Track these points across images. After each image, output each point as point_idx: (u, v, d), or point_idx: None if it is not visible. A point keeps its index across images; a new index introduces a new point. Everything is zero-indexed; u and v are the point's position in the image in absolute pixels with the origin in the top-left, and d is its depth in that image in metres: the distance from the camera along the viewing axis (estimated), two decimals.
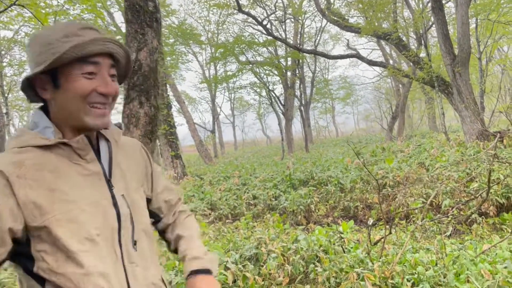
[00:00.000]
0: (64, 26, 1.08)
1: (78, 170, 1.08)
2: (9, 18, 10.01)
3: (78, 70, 1.06)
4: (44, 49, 1.05)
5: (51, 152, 1.06)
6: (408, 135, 21.07)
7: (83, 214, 1.04)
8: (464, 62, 9.90)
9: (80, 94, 1.06)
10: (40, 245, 1.01)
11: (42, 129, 1.08)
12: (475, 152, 7.91)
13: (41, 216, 1.00)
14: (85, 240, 1.03)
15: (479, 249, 3.80)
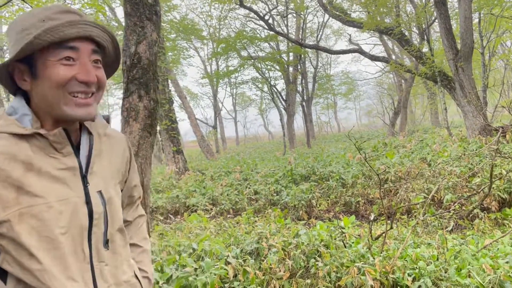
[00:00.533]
0: (40, 10, 1.01)
1: (53, 164, 1.02)
2: (10, 13, 9.98)
3: (55, 56, 0.99)
4: (20, 36, 0.99)
5: (26, 142, 1.00)
6: (410, 131, 21.03)
7: (49, 211, 0.99)
8: (467, 57, 9.84)
9: (57, 82, 0.99)
10: (2, 240, 0.97)
11: (20, 116, 1.02)
12: (478, 147, 7.88)
13: (3, 210, 0.95)
14: (45, 238, 0.98)
15: (480, 244, 3.78)
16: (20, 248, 0.97)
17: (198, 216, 6.25)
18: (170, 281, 3.07)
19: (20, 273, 0.98)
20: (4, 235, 0.96)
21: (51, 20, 0.98)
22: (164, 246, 3.93)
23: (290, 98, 22.58)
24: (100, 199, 1.10)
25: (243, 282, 3.13)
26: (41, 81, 1.00)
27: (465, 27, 9.77)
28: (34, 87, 1.02)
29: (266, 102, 39.01)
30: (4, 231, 0.96)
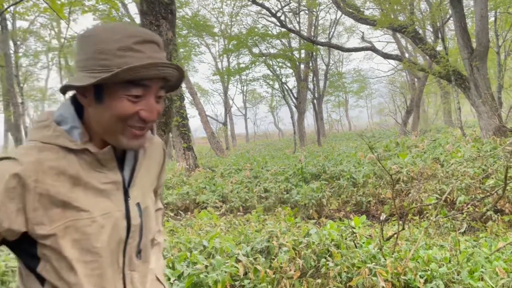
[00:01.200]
0: (119, 35, 0.96)
1: (98, 178, 1.03)
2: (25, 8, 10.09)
3: (125, 91, 0.97)
4: (94, 55, 0.96)
5: (74, 156, 1.00)
6: (422, 130, 20.84)
7: (92, 225, 1.00)
8: (482, 56, 9.71)
9: (120, 116, 0.98)
10: (46, 250, 0.98)
11: (70, 128, 1.01)
12: (492, 148, 7.77)
13: (50, 224, 0.97)
14: (86, 251, 1.00)
15: (494, 247, 3.74)
16: (62, 259, 0.98)
17: (208, 213, 6.27)
18: (181, 278, 3.09)
19: (57, 282, 0.99)
20: (48, 246, 0.98)
21: (131, 52, 0.95)
22: (175, 242, 3.95)
23: (301, 96, 22.50)
24: (138, 211, 1.12)
25: (254, 280, 3.14)
26: (104, 108, 0.98)
27: (481, 26, 9.63)
28: (94, 109, 1.00)
29: (276, 99, 39.00)
30: (49, 243, 0.97)
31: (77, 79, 0.98)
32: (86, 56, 0.97)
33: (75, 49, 1.02)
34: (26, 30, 19.80)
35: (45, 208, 0.96)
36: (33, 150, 0.97)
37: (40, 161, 0.96)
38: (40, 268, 0.99)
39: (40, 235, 0.96)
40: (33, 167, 0.95)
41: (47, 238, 0.97)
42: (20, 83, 17.14)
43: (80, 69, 0.98)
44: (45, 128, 1.01)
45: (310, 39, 18.28)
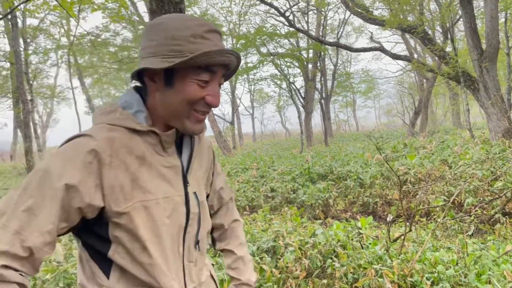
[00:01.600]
0: (190, 23, 1.01)
1: (160, 161, 1.06)
2: (35, 6, 10.16)
3: (196, 75, 1.02)
4: (167, 42, 1.00)
5: (139, 137, 1.03)
6: (431, 131, 20.71)
7: (157, 207, 1.02)
8: (492, 57, 9.62)
9: (190, 99, 1.02)
10: (118, 231, 0.99)
11: (135, 112, 1.05)
12: (501, 151, 7.70)
13: (124, 202, 0.98)
14: (153, 233, 1.01)
15: (502, 250, 3.70)
16: (136, 240, 0.99)
17: None
18: None
19: (130, 266, 1.00)
20: (122, 226, 0.98)
21: (202, 39, 1.01)
22: None
23: (308, 96, 22.45)
24: (196, 200, 1.14)
25: (259, 279, 3.14)
26: (174, 92, 1.02)
27: (491, 27, 9.54)
28: (163, 93, 1.04)
29: (284, 99, 38.95)
30: (123, 222, 0.98)
31: (151, 63, 1.00)
32: (157, 42, 1.01)
33: (145, 39, 1.05)
34: (36, 27, 19.97)
35: (120, 185, 0.98)
36: (104, 129, 1.00)
37: (111, 138, 0.98)
38: (112, 252, 1.00)
39: (115, 213, 0.97)
40: (107, 143, 0.97)
41: (121, 216, 0.98)
42: (30, 80, 17.28)
43: (150, 55, 1.01)
44: (112, 112, 1.04)
45: (319, 39, 18.23)
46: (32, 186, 0.92)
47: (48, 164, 0.94)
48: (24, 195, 0.91)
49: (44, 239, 0.91)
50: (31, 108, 16.63)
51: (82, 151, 0.94)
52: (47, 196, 0.91)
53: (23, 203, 0.90)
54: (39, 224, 0.90)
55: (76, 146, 0.95)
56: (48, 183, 0.91)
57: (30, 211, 0.90)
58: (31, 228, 0.89)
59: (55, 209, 0.92)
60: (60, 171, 0.92)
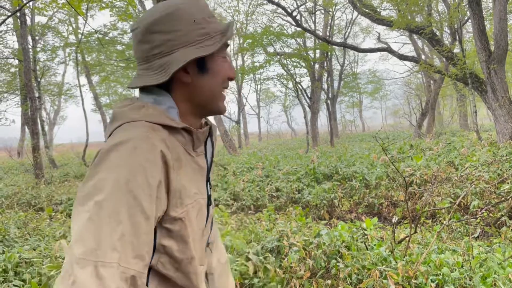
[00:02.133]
0: (197, 6, 0.98)
1: (190, 162, 0.98)
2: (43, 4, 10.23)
3: (222, 53, 1.00)
4: (192, 27, 0.95)
5: (173, 136, 0.94)
6: (437, 133, 20.60)
7: (193, 210, 0.96)
8: (500, 59, 9.55)
9: (224, 75, 1.01)
10: (168, 240, 0.91)
11: (167, 108, 0.97)
12: (508, 153, 7.65)
13: (181, 207, 0.91)
14: (193, 239, 0.96)
15: (507, 253, 3.68)
16: (185, 249, 0.94)
17: (220, 210, 6.30)
18: None
19: (173, 275, 0.93)
20: (174, 233, 0.92)
21: (213, 18, 1.00)
22: None
23: (315, 96, 22.41)
24: (211, 203, 1.10)
25: (263, 279, 3.14)
26: (210, 75, 0.98)
27: (500, 29, 9.47)
28: (198, 81, 0.98)
29: (290, 99, 38.95)
30: (177, 229, 0.91)
31: (192, 52, 0.94)
32: (183, 31, 0.94)
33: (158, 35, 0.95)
34: (44, 25, 20.10)
35: (179, 188, 0.91)
36: (150, 129, 0.89)
37: (164, 139, 0.90)
38: (155, 261, 0.91)
39: (171, 218, 0.90)
40: (165, 144, 0.89)
41: (176, 223, 0.91)
42: (38, 77, 17.39)
43: (180, 45, 0.94)
44: (143, 108, 0.94)
45: (326, 39, 18.19)
46: (115, 208, 0.78)
47: (122, 176, 0.80)
48: (112, 221, 0.77)
49: (145, 263, 0.82)
50: (39, 105, 16.75)
51: (153, 155, 0.85)
52: (134, 214, 0.79)
53: (114, 231, 0.77)
54: (135, 249, 0.79)
55: (145, 150, 0.84)
56: (132, 200, 0.79)
57: (124, 238, 0.78)
58: (128, 256, 0.77)
59: (148, 225, 0.82)
60: (140, 182, 0.81)
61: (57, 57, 21.95)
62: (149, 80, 0.95)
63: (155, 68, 0.95)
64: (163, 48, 0.94)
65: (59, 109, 37.63)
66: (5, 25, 18.01)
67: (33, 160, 12.73)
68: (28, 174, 14.67)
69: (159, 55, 0.95)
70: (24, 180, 12.84)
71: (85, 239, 0.75)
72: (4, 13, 16.39)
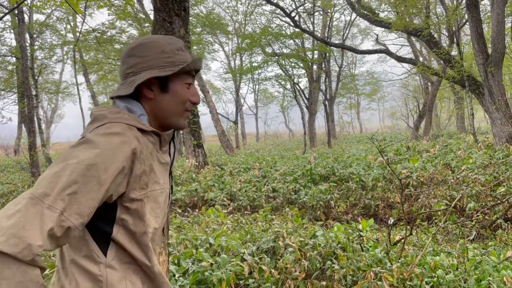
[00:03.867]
0: (170, 40, 1.27)
1: (158, 158, 1.24)
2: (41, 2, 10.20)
3: (184, 80, 1.26)
4: (159, 55, 1.22)
5: (145, 137, 1.19)
6: (434, 135, 20.63)
7: (161, 195, 1.22)
8: (498, 62, 9.58)
9: (183, 99, 1.26)
10: (125, 214, 1.13)
11: (139, 116, 1.22)
12: (504, 156, 7.67)
13: (140, 190, 1.14)
14: (158, 218, 1.21)
15: (502, 256, 3.69)
16: (141, 224, 1.15)
17: (216, 210, 6.29)
18: (186, 275, 3.11)
19: (128, 245, 1.14)
20: (132, 211, 1.13)
21: (182, 51, 1.27)
22: (182, 239, 3.97)
23: (312, 97, 22.43)
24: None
25: (258, 280, 3.14)
26: (171, 95, 1.25)
27: (497, 32, 9.50)
28: (159, 98, 1.25)
29: (288, 99, 38.90)
30: (134, 207, 1.13)
31: (153, 73, 1.20)
32: (151, 57, 1.22)
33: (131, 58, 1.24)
34: (42, 23, 20.03)
35: (140, 175, 1.13)
36: (127, 128, 1.14)
37: (137, 136, 1.15)
38: (115, 232, 1.13)
39: (130, 199, 1.12)
40: (137, 139, 1.13)
41: (133, 202, 1.13)
42: (35, 75, 17.34)
43: (147, 68, 1.22)
44: (120, 113, 1.19)
45: (324, 40, 18.21)
46: (77, 173, 1.00)
47: (94, 156, 1.03)
48: (69, 180, 0.99)
49: (83, 221, 1.01)
50: (36, 103, 16.69)
51: (124, 146, 1.08)
52: (92, 184, 1.01)
53: (68, 187, 0.98)
54: (80, 207, 0.99)
55: (118, 142, 1.08)
56: (94, 174, 1.01)
57: (75, 195, 0.99)
58: (72, 210, 0.98)
59: (97, 197, 1.03)
60: (106, 165, 1.04)
61: (54, 55, 21.91)
62: (122, 91, 1.22)
63: (127, 84, 1.23)
64: (134, 68, 1.23)
65: (56, 108, 37.53)
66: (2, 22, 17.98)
67: (30, 159, 12.69)
68: (24, 172, 14.62)
69: (131, 74, 1.23)
70: (20, 179, 12.79)
71: (46, 185, 0.97)
72: (1, 10, 16.33)
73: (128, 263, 1.15)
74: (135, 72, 1.22)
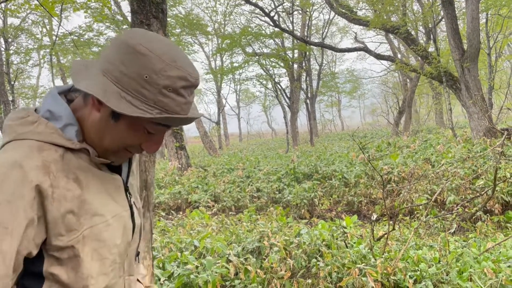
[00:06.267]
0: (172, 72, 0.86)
1: (100, 179, 0.94)
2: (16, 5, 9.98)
3: (146, 124, 0.90)
4: (139, 81, 0.85)
5: (71, 154, 0.90)
6: (414, 130, 20.97)
7: (108, 230, 0.93)
8: (473, 57, 9.79)
9: (129, 143, 0.93)
10: (55, 267, 0.89)
11: (64, 126, 0.91)
12: (482, 149, 7.84)
13: (68, 234, 0.87)
14: (106, 260, 0.93)
15: (483, 247, 3.77)
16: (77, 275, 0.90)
17: (200, 212, 6.27)
18: (171, 278, 3.09)
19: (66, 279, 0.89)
20: (63, 261, 0.89)
21: (175, 94, 0.87)
22: (166, 242, 3.95)
23: (294, 96, 22.52)
24: (136, 211, 1.08)
25: (244, 280, 3.14)
26: (116, 128, 0.90)
27: (472, 28, 9.71)
28: (103, 121, 0.91)
29: (270, 99, 39.02)
30: (65, 257, 0.88)
31: (110, 93, 0.86)
32: (128, 73, 0.85)
33: (112, 53, 0.88)
34: (17, 27, 19.60)
35: (62, 216, 0.86)
36: (33, 151, 0.86)
37: (46, 164, 0.85)
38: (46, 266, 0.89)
39: (57, 247, 0.87)
40: (44, 172, 0.84)
41: (63, 251, 0.88)
42: (11, 80, 16.95)
43: (114, 79, 0.86)
44: (33, 124, 0.89)
45: (303, 39, 18.30)
46: None
47: None
48: None
49: None
50: (13, 109, 16.32)
51: (21, 188, 0.81)
52: None
53: None
54: None
55: (14, 183, 0.81)
56: None
57: None
58: None
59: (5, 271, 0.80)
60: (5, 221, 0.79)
61: (31, 60, 21.44)
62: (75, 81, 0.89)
63: (91, 76, 0.90)
64: (107, 65, 0.88)
65: None
66: None
67: None
68: None
69: (106, 72, 0.88)
70: None
71: None
72: None
73: None
74: (104, 71, 0.88)
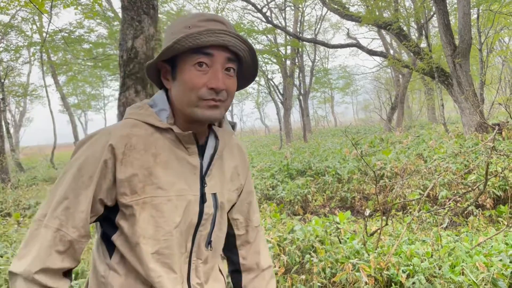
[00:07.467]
0: (190, 17, 1.07)
1: (178, 160, 1.09)
2: (5, 2, 9.86)
3: (191, 61, 1.03)
4: (169, 38, 1.06)
5: (160, 134, 1.09)
6: (407, 126, 21.07)
7: (168, 204, 1.06)
8: (465, 53, 9.84)
9: (190, 87, 1.04)
10: (122, 220, 1.06)
11: (159, 110, 1.11)
12: (474, 144, 7.90)
13: (131, 196, 1.03)
14: (161, 228, 1.05)
15: (474, 241, 3.80)
16: (134, 233, 1.04)
17: None
18: None
19: (128, 254, 1.06)
20: (127, 217, 1.05)
21: (195, 27, 1.03)
22: None
23: (287, 92, 22.52)
24: (213, 201, 1.16)
25: None
26: (178, 83, 1.06)
27: (464, 23, 9.75)
28: (173, 87, 1.09)
29: (263, 95, 39.02)
30: (128, 213, 1.05)
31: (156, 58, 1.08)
32: (165, 41, 1.10)
33: None
34: (7, 24, 19.36)
35: (128, 179, 1.03)
36: (126, 125, 1.07)
37: (130, 136, 1.05)
38: (115, 237, 1.07)
39: (122, 204, 1.04)
40: (122, 140, 1.04)
41: (126, 208, 1.05)
42: (1, 78, 16.77)
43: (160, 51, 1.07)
44: (139, 108, 1.12)
45: (296, 35, 18.29)
46: (66, 186, 1.02)
47: (75, 162, 1.03)
48: (61, 197, 1.01)
49: (80, 233, 1.02)
50: (3, 107, 16.14)
51: (101, 148, 1.02)
52: (79, 194, 1.01)
53: (60, 203, 1.01)
54: (75, 221, 1.01)
55: (97, 143, 1.04)
56: (78, 181, 1.01)
57: (68, 210, 1.01)
58: (69, 225, 1.00)
59: (86, 205, 1.01)
60: (86, 167, 1.02)
61: (21, 57, 21.21)
62: None
63: None
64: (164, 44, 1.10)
65: (25, 111, 36.40)
66: None
67: None
68: None
69: None
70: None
71: (44, 204, 1.03)
72: None
73: (131, 272, 1.06)
74: None
